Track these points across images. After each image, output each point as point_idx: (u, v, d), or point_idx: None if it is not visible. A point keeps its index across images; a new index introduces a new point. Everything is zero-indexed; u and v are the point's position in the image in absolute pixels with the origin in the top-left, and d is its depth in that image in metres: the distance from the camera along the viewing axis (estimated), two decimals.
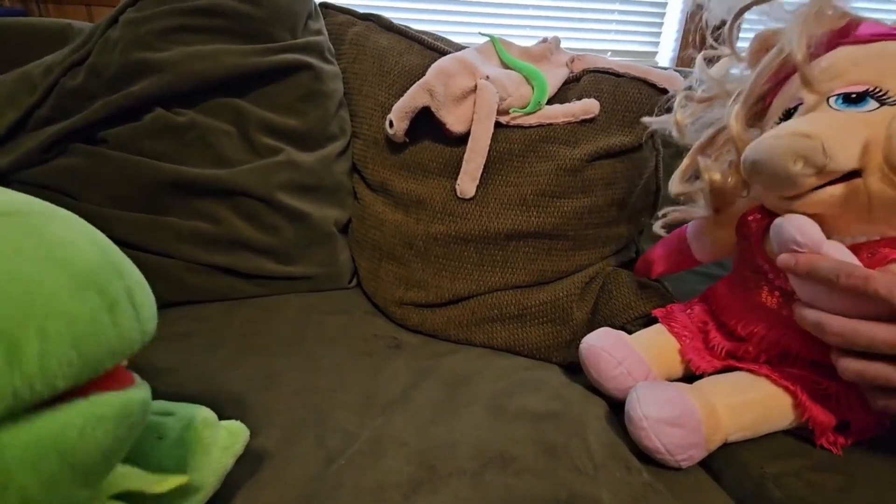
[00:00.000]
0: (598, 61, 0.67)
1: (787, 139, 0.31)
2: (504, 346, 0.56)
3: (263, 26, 0.59)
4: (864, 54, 0.33)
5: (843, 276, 0.30)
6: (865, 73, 0.33)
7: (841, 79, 0.33)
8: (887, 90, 0.32)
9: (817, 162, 0.30)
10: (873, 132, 0.31)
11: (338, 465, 0.35)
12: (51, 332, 0.19)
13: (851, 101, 0.32)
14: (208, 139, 0.57)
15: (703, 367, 0.41)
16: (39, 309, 0.19)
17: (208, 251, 0.56)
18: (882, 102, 0.32)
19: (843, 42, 0.35)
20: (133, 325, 0.22)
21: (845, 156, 0.30)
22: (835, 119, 0.32)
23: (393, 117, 0.59)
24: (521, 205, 0.58)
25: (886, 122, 0.30)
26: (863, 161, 0.31)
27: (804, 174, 0.31)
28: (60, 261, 0.21)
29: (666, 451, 0.35)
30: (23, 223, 0.21)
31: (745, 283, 0.38)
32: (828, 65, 0.34)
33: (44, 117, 0.55)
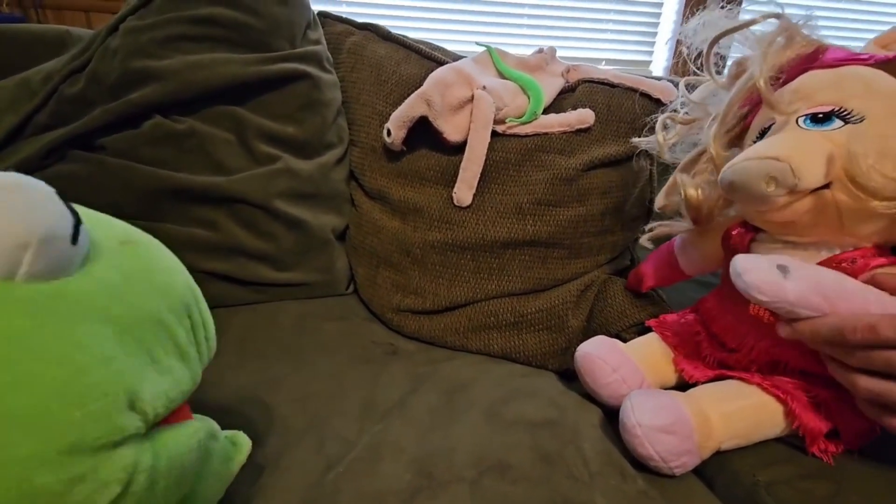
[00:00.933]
0: (593, 72, 0.68)
1: (758, 163, 0.33)
2: (500, 354, 0.56)
3: (263, 36, 0.59)
4: (830, 78, 0.36)
5: (849, 334, 0.30)
6: (831, 95, 0.35)
7: (809, 100, 0.36)
8: (851, 109, 0.34)
9: (788, 183, 0.32)
10: (837, 149, 0.33)
11: (336, 472, 0.36)
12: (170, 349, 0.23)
13: (818, 120, 0.35)
14: (207, 147, 0.57)
15: (696, 376, 0.42)
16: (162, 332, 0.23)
17: (206, 258, 0.56)
18: (846, 121, 0.34)
19: (811, 67, 0.37)
20: (211, 340, 0.27)
21: (813, 175, 0.32)
22: (801, 139, 0.34)
23: (390, 126, 0.60)
24: (517, 213, 0.58)
25: (847, 138, 0.33)
26: (829, 175, 0.33)
27: (777, 194, 0.33)
28: (165, 288, 0.24)
29: (659, 458, 0.36)
30: (141, 251, 0.25)
31: (733, 295, 0.39)
32: (797, 87, 0.37)
33: (42, 124, 0.56)
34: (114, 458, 0.20)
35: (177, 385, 0.23)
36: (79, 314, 0.20)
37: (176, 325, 0.24)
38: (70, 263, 0.21)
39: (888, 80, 0.35)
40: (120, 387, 0.20)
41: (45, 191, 0.20)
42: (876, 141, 0.32)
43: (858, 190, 0.32)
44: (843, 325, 0.31)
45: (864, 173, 0.32)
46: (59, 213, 0.20)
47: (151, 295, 0.23)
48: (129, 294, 0.22)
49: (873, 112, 0.34)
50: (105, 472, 0.19)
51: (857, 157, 0.32)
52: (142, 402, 0.21)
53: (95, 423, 0.19)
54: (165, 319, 0.23)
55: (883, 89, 0.34)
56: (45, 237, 0.19)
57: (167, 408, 0.22)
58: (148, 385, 0.21)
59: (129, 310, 0.22)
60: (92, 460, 0.19)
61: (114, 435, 0.20)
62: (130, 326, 0.22)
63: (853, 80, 0.35)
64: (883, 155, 0.32)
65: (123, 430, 0.20)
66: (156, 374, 0.22)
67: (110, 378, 0.20)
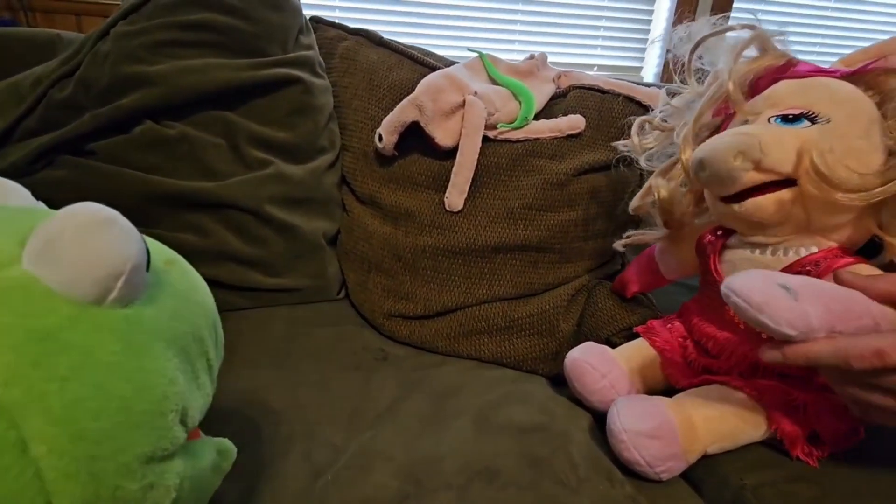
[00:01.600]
0: (584, 78, 0.69)
1: (729, 136, 0.36)
2: (491, 359, 0.56)
3: (255, 41, 0.60)
4: (800, 86, 0.38)
5: (854, 362, 0.29)
6: (799, 99, 0.37)
7: (779, 105, 0.38)
8: (818, 112, 0.36)
9: (754, 155, 0.34)
10: (805, 144, 0.35)
11: (324, 480, 0.35)
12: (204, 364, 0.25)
13: (788, 120, 0.37)
14: (198, 152, 0.57)
15: (682, 381, 0.42)
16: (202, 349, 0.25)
17: (196, 263, 0.55)
18: (813, 122, 0.36)
19: (781, 78, 0.40)
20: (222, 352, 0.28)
21: (778, 155, 0.35)
22: (774, 129, 0.37)
23: (382, 131, 0.60)
24: (509, 218, 0.59)
25: (815, 136, 0.35)
26: (797, 170, 0.35)
27: (743, 168, 0.35)
28: (202, 306, 0.26)
29: (645, 462, 0.36)
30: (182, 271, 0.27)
31: (711, 301, 0.40)
32: (768, 94, 0.39)
33: (31, 129, 0.55)
34: (172, 466, 0.22)
35: (206, 399, 0.25)
36: (152, 337, 0.22)
37: (209, 341, 0.26)
38: (143, 289, 0.23)
39: (851, 89, 0.37)
40: (180, 403, 0.22)
41: (129, 225, 0.22)
42: (841, 140, 0.35)
43: (824, 182, 0.34)
44: (848, 351, 0.29)
45: (830, 166, 0.33)
46: (140, 242, 0.22)
47: (196, 314, 0.25)
48: (183, 315, 0.24)
49: (838, 116, 0.36)
50: (168, 479, 0.22)
51: (823, 151, 0.34)
52: (188, 417, 0.23)
53: (164, 436, 0.22)
54: (204, 336, 0.25)
55: (847, 97, 0.37)
56: (135, 267, 0.21)
57: (199, 421, 0.25)
58: (193, 401, 0.24)
59: (183, 330, 0.24)
60: (160, 468, 0.22)
61: (174, 446, 0.22)
62: (184, 346, 0.24)
63: (820, 88, 0.38)
64: (847, 152, 0.34)
65: (179, 440, 0.23)
66: (196, 390, 0.24)
67: (175, 396, 0.22)
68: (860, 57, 0.39)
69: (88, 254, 0.20)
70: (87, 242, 0.20)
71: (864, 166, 0.34)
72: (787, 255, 0.37)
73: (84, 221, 0.20)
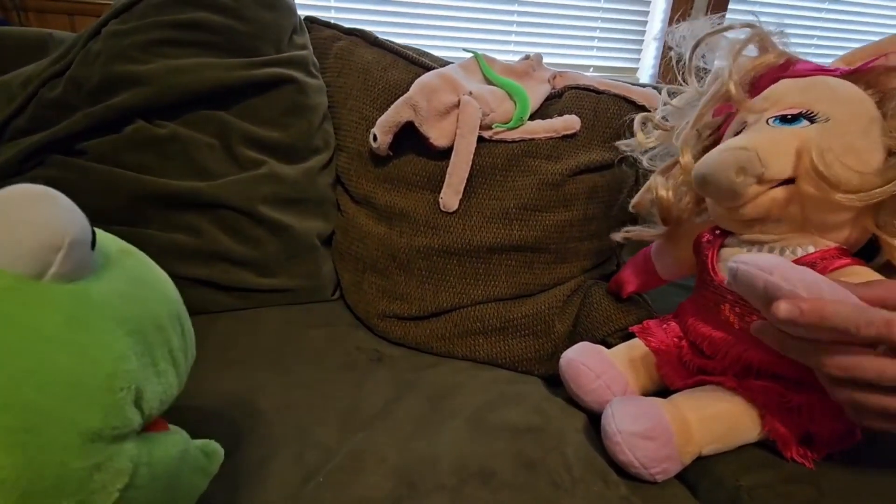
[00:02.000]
0: (579, 78, 0.69)
1: (727, 153, 0.35)
2: (486, 359, 0.56)
3: (248, 40, 0.59)
4: (800, 85, 0.38)
5: (863, 327, 0.28)
6: (798, 98, 0.37)
7: (778, 104, 0.38)
8: (817, 112, 0.36)
9: (755, 170, 0.34)
10: (803, 143, 0.35)
11: (316, 482, 0.35)
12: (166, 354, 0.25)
13: (787, 120, 0.37)
14: (190, 152, 0.56)
15: (677, 382, 0.42)
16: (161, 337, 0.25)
17: (188, 264, 0.56)
18: (812, 121, 0.36)
19: (781, 77, 0.40)
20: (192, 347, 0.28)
21: (779, 164, 0.34)
22: (769, 133, 0.36)
23: (377, 131, 0.60)
24: (504, 218, 0.58)
25: (813, 135, 0.35)
26: (796, 169, 0.35)
27: (745, 183, 0.35)
28: (162, 295, 0.26)
29: (640, 464, 0.36)
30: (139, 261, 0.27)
31: (706, 301, 0.40)
32: (767, 94, 0.39)
33: (22, 128, 0.55)
34: (123, 449, 0.22)
35: (168, 390, 0.24)
36: (99, 314, 0.22)
37: (171, 332, 0.25)
38: (88, 267, 0.22)
39: (851, 88, 0.37)
40: (132, 382, 0.22)
41: (68, 201, 0.22)
42: (840, 138, 0.34)
43: (823, 181, 0.33)
44: (860, 316, 0.28)
45: (829, 165, 0.33)
46: (83, 219, 0.22)
47: (153, 301, 0.25)
48: (136, 299, 0.24)
49: (837, 114, 0.35)
50: (118, 462, 0.21)
51: (822, 150, 0.33)
52: (143, 401, 0.23)
53: (113, 414, 0.21)
54: (164, 325, 0.25)
55: (846, 96, 0.37)
56: (74, 240, 0.21)
57: (159, 410, 0.24)
58: (149, 385, 0.23)
59: (137, 313, 0.24)
60: (108, 449, 0.21)
61: (125, 427, 0.21)
62: (138, 329, 0.23)
63: (820, 86, 0.37)
64: (846, 150, 0.34)
65: (131, 422, 0.22)
66: (154, 377, 0.24)
67: (126, 374, 0.22)
68: (859, 55, 0.39)
69: (25, 226, 0.20)
70: (23, 216, 0.20)
71: (864, 165, 0.34)
72: (783, 255, 0.37)
73: (21, 196, 0.20)
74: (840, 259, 0.36)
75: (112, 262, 0.24)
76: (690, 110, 0.45)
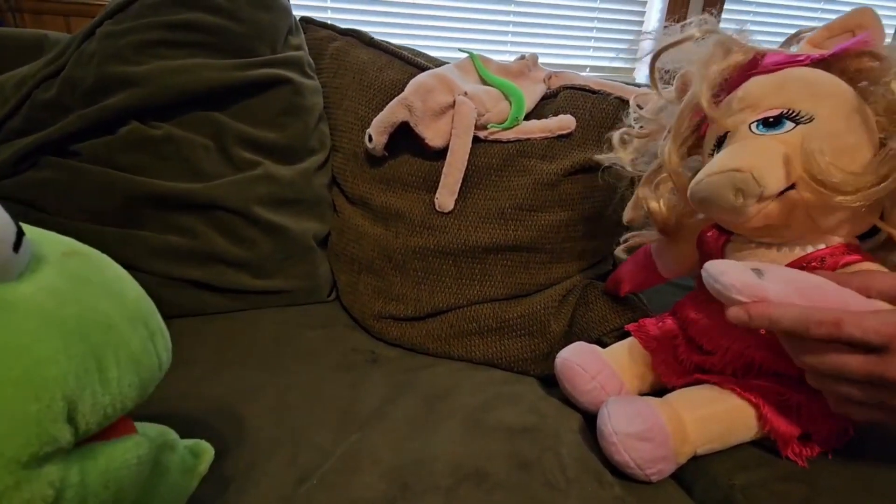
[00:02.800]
0: (574, 78, 0.69)
1: (721, 177, 0.34)
2: (482, 360, 0.56)
3: (243, 41, 0.59)
4: (772, 82, 0.37)
5: (813, 327, 0.30)
6: (777, 99, 0.36)
7: (756, 107, 0.36)
8: (799, 111, 0.35)
9: (754, 192, 0.33)
10: (792, 149, 0.34)
11: (309, 484, 0.35)
12: (122, 358, 0.22)
13: (770, 124, 0.36)
14: (185, 153, 0.56)
15: (673, 380, 0.42)
16: (114, 339, 0.22)
17: (183, 265, 0.55)
18: (796, 122, 0.35)
19: (752, 73, 0.38)
20: (164, 353, 0.26)
21: (775, 179, 0.33)
22: (757, 146, 0.35)
23: (372, 132, 0.60)
24: (499, 218, 0.58)
25: (802, 140, 0.33)
26: (791, 176, 0.34)
27: (747, 204, 0.34)
28: (116, 296, 0.24)
29: (635, 465, 0.36)
30: (87, 261, 0.24)
31: (709, 297, 0.39)
32: (742, 95, 0.38)
33: (15, 129, 0.55)
34: (40, 474, 0.18)
35: (119, 398, 0.22)
36: (16, 314, 0.19)
37: (129, 333, 0.23)
38: (10, 270, 0.20)
39: (828, 79, 0.36)
40: (57, 392, 0.19)
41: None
42: (830, 140, 0.33)
43: (821, 187, 0.32)
44: (809, 317, 0.30)
45: (824, 170, 0.32)
46: (2, 218, 0.20)
47: (101, 300, 0.23)
48: (77, 298, 0.22)
49: (821, 112, 0.34)
50: (29, 490, 0.18)
51: (815, 155, 0.32)
52: (77, 414, 0.20)
53: (24, 431, 0.18)
54: (118, 325, 0.23)
55: (826, 89, 0.35)
56: None
57: (100, 424, 0.21)
58: (88, 394, 0.20)
59: (76, 312, 0.21)
60: (13, 475, 0.18)
61: (45, 446, 0.18)
62: (77, 329, 0.21)
63: (796, 82, 0.36)
64: (838, 152, 0.33)
65: (55, 440, 0.19)
66: (99, 385, 0.21)
67: (44, 381, 0.19)
68: (824, 34, 0.38)
69: None
70: None
71: (857, 164, 0.33)
72: (793, 250, 0.37)
73: None
74: (849, 255, 0.35)
75: (49, 264, 0.22)
76: (667, 114, 0.44)
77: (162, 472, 0.25)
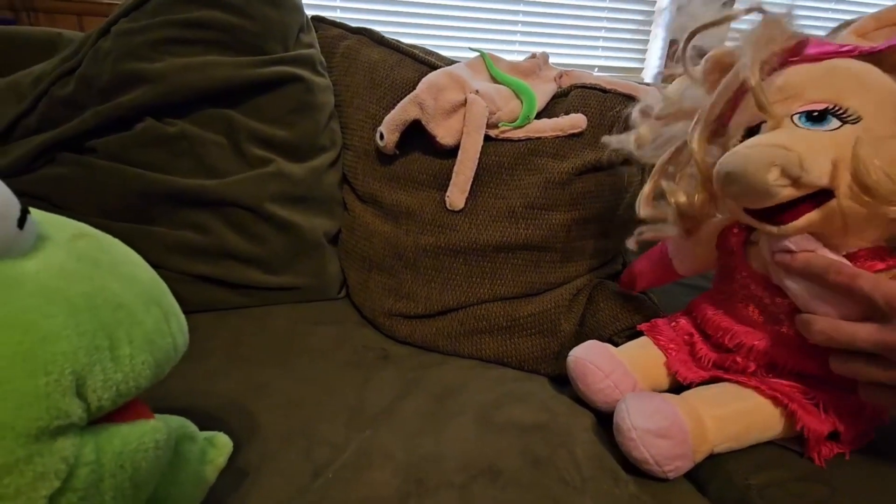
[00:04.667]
0: (585, 77, 0.69)
1: (764, 149, 0.32)
2: (493, 358, 0.56)
3: (256, 39, 0.59)
4: (818, 73, 0.34)
5: (832, 273, 0.32)
6: (822, 92, 0.33)
7: (800, 98, 0.34)
8: (847, 108, 0.32)
9: (793, 172, 0.31)
10: (841, 152, 0.32)
11: (324, 478, 0.35)
12: (135, 337, 0.22)
13: (814, 118, 0.33)
14: (198, 150, 0.57)
15: (690, 377, 0.41)
16: (125, 317, 0.22)
17: (196, 261, 0.56)
18: (843, 121, 0.32)
19: (793, 61, 0.35)
20: (180, 335, 0.25)
21: (819, 170, 0.31)
22: (806, 136, 0.33)
23: (383, 129, 0.60)
24: (510, 217, 0.58)
25: (851, 141, 0.31)
26: (834, 181, 0.32)
27: (779, 184, 0.31)
28: (128, 277, 0.24)
29: (654, 461, 0.36)
30: (97, 243, 0.24)
31: (731, 297, 0.39)
32: (783, 83, 0.35)
33: (32, 126, 0.55)
34: (53, 448, 0.18)
35: (133, 375, 0.22)
36: (23, 290, 0.19)
37: (142, 312, 0.23)
38: (14, 246, 0.20)
39: (877, 75, 0.33)
40: (66, 366, 0.19)
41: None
42: (881, 146, 0.31)
43: (869, 196, 0.31)
44: (832, 264, 0.32)
45: (876, 180, 0.30)
46: (4, 195, 0.19)
47: (112, 280, 0.23)
48: (86, 277, 0.22)
49: (870, 111, 0.32)
50: (41, 463, 0.18)
51: (867, 162, 0.30)
52: (87, 389, 0.20)
53: (32, 404, 0.18)
54: (130, 305, 0.22)
55: (874, 85, 0.33)
56: None
57: (114, 401, 0.21)
58: (98, 370, 0.20)
59: (84, 290, 0.21)
60: (25, 448, 0.18)
61: (55, 420, 0.18)
62: (86, 306, 0.21)
63: (844, 75, 0.34)
64: (890, 158, 0.31)
65: (66, 414, 0.19)
66: (110, 362, 0.21)
67: (54, 356, 0.19)
68: (872, 24, 0.35)
69: None
70: None
71: None
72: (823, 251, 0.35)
73: None
74: (876, 263, 0.34)
75: (57, 245, 0.22)
76: (687, 98, 0.42)
77: (182, 462, 0.25)
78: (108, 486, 0.21)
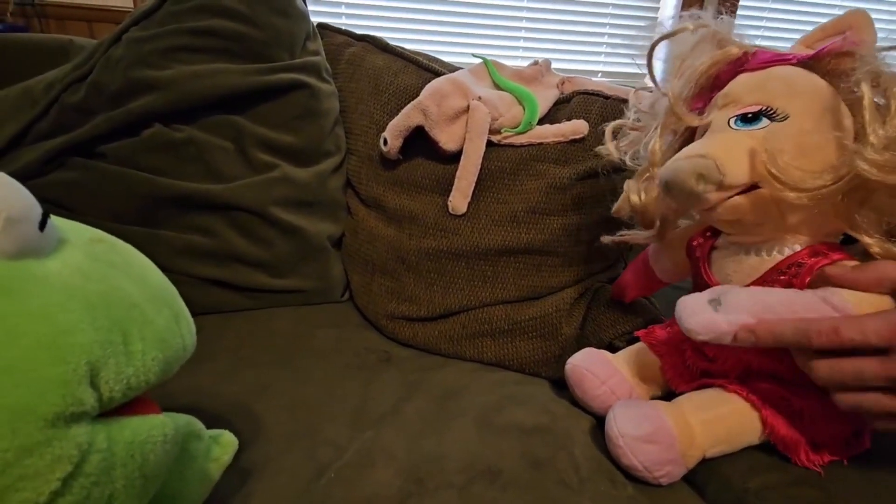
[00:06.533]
0: (587, 83, 0.69)
1: (686, 161, 0.35)
2: (494, 361, 0.56)
3: (263, 47, 0.61)
4: (756, 80, 0.37)
5: (814, 338, 0.31)
6: (757, 96, 0.36)
7: (738, 103, 0.37)
8: (776, 108, 0.35)
9: (714, 178, 0.34)
10: (758, 145, 0.34)
11: (327, 478, 0.36)
12: (147, 334, 0.23)
13: (748, 120, 0.36)
14: (205, 155, 0.58)
15: (681, 386, 0.42)
16: (138, 316, 0.23)
17: (203, 264, 0.57)
18: (772, 119, 0.35)
19: (741, 70, 0.39)
20: (189, 336, 0.27)
21: (737, 170, 0.34)
22: (727, 138, 0.36)
23: (387, 135, 0.61)
24: (512, 221, 0.59)
25: (767, 137, 0.34)
26: (754, 172, 0.34)
27: (706, 190, 0.34)
28: (140, 279, 0.25)
29: (643, 467, 0.36)
30: (112, 247, 0.26)
31: None
32: (727, 91, 0.38)
33: (44, 132, 0.56)
34: (68, 434, 0.19)
35: (143, 370, 0.23)
36: (47, 286, 0.21)
37: (154, 313, 0.24)
38: (36, 248, 0.21)
39: (809, 78, 0.36)
40: (82, 357, 0.20)
41: (11, 180, 0.21)
42: (794, 138, 0.34)
43: (776, 182, 0.33)
44: (808, 327, 0.31)
45: (782, 168, 0.33)
46: (26, 198, 0.21)
47: (125, 281, 0.24)
48: (102, 277, 0.23)
49: (794, 109, 0.35)
50: (57, 447, 0.19)
51: (775, 154, 0.33)
52: (101, 380, 0.21)
53: (51, 391, 0.19)
54: (142, 305, 0.24)
55: (803, 88, 0.36)
56: (11, 217, 0.20)
57: (125, 394, 0.22)
58: (112, 363, 0.21)
59: (101, 290, 0.22)
60: (43, 432, 0.19)
61: (70, 406, 0.19)
62: (102, 304, 0.22)
63: (777, 80, 0.36)
64: (801, 150, 0.34)
65: (81, 402, 0.20)
66: (123, 357, 0.22)
67: (71, 347, 0.20)
68: (819, 35, 0.38)
69: None
70: None
71: (818, 163, 0.33)
72: (770, 255, 0.37)
73: None
74: (829, 255, 0.35)
75: (76, 247, 0.24)
76: (659, 108, 0.44)
77: (189, 459, 0.26)
78: (119, 475, 0.22)
